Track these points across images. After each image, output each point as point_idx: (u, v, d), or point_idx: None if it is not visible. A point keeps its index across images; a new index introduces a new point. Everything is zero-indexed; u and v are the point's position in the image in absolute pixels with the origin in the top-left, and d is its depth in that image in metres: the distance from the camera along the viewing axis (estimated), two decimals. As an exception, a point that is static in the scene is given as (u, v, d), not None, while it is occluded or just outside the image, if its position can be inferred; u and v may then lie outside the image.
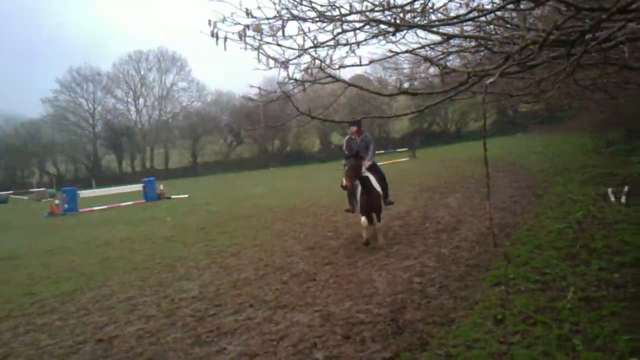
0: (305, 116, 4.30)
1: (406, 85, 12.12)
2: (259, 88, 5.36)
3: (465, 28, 5.85)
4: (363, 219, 10.45)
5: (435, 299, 7.01)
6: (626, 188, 12.71)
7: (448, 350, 5.27)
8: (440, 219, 12.94)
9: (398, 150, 52.07)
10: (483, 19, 5.28)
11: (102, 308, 8.40)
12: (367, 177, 10.33)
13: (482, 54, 7.73)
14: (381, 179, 10.94)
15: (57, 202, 29.27)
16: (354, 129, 11.50)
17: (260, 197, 25.34)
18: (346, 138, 11.70)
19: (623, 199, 11.66)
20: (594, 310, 5.77)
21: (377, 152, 12.55)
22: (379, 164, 11.17)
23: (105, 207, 28.80)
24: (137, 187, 33.85)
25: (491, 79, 3.61)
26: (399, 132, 72.09)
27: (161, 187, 33.10)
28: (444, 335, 5.67)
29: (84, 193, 32.65)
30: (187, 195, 32.02)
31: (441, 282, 7.68)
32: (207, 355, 5.98)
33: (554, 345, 5.03)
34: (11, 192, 54.97)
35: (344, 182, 10.02)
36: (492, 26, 5.85)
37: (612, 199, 11.92)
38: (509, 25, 5.31)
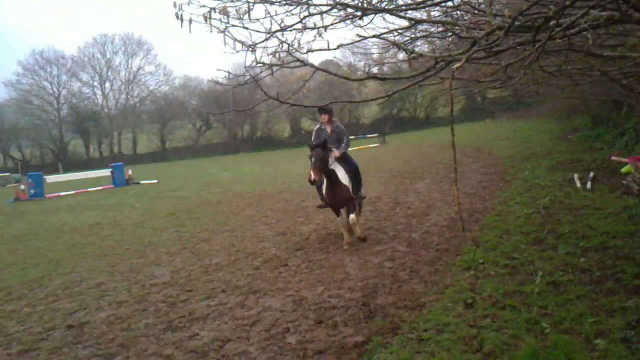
0: (275, 101, 4.28)
1: (375, 70, 12.18)
2: (227, 72, 5.31)
3: (432, 13, 5.88)
4: (338, 219, 9.94)
5: (406, 283, 7.09)
6: (591, 174, 12.98)
7: (419, 334, 5.35)
8: (410, 204, 13.05)
9: (368, 135, 52.19)
10: (450, 3, 5.32)
11: (72, 294, 8.31)
12: (332, 171, 9.40)
13: (449, 39, 7.76)
14: (352, 171, 9.86)
15: (22, 187, 28.70)
16: (324, 117, 10.09)
17: (230, 182, 25.23)
18: (315, 127, 10.43)
19: (589, 185, 11.90)
20: (561, 294, 5.90)
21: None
22: (348, 150, 10.65)
23: (73, 192, 28.38)
24: (105, 172, 33.41)
25: (458, 64, 3.63)
26: (368, 117, 72.17)
27: (130, 172, 32.70)
28: (415, 320, 5.75)
29: (50, 178, 32.11)
30: (156, 181, 31.68)
31: (412, 267, 7.77)
32: (179, 341, 5.98)
33: (522, 328, 5.14)
34: (-26, 177, 53.66)
35: (312, 175, 9.02)
36: (458, 12, 5.88)
37: (578, 184, 12.17)
38: (475, 11, 5.34)
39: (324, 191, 9.70)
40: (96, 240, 12.87)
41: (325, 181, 9.49)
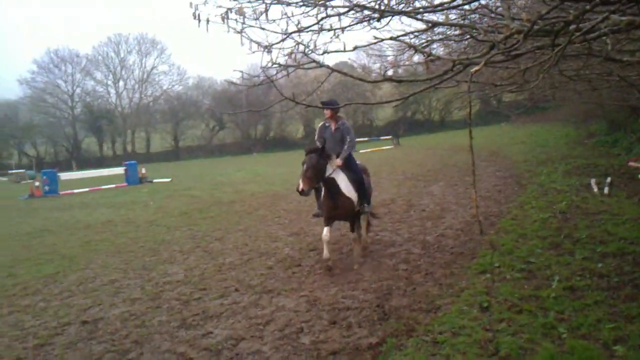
0: (289, 102, 4.27)
1: (390, 72, 12.13)
2: (242, 72, 5.30)
3: (450, 16, 5.85)
4: (325, 230, 8.36)
5: (421, 286, 7.05)
6: (609, 179, 12.87)
7: (434, 337, 5.31)
8: (425, 207, 12.99)
9: (382, 137, 52.12)
10: (467, 7, 5.27)
11: (86, 290, 8.34)
12: (332, 179, 8.18)
13: (466, 42, 7.73)
14: (357, 181, 8.57)
15: (37, 184, 28.89)
16: (327, 112, 8.85)
17: (243, 182, 25.26)
18: (320, 124, 9.23)
19: (606, 190, 11.80)
20: (578, 299, 5.85)
21: (359, 139, 11.75)
22: (361, 151, 10.17)
23: (87, 189, 28.52)
24: (119, 170, 33.53)
25: (476, 68, 3.60)
26: (382, 120, 72.15)
27: (143, 170, 32.83)
28: (430, 322, 5.71)
29: (64, 175, 32.31)
30: (169, 180, 31.80)
31: (427, 270, 7.73)
32: (193, 339, 5.97)
33: (539, 333, 5.09)
34: (-11, 173, 54.23)
35: (300, 185, 7.77)
36: (476, 15, 5.85)
37: (595, 189, 12.06)
38: (493, 15, 5.31)
39: (321, 199, 8.64)
40: (110, 238, 12.92)
41: (323, 189, 8.48)
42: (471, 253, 8.34)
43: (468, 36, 6.35)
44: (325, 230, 8.36)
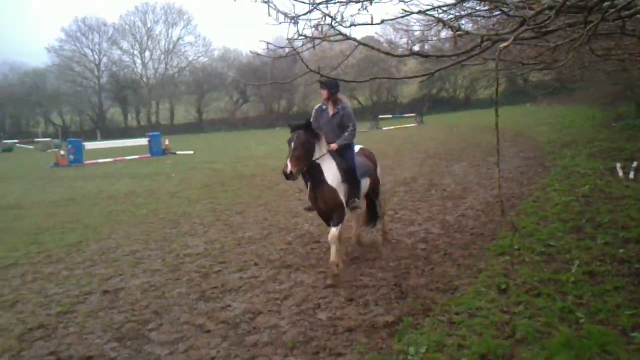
0: (313, 76, 4.25)
1: (417, 48, 11.98)
2: (268, 43, 5.26)
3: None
4: (332, 231, 7.02)
5: (439, 266, 7.04)
6: (635, 164, 12.64)
7: (451, 317, 5.31)
8: (446, 187, 12.94)
9: (405, 115, 51.76)
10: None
11: (108, 260, 8.48)
12: (317, 165, 7.03)
13: (495, 19, 7.60)
14: (347, 170, 7.30)
15: (62, 153, 29.25)
16: (324, 93, 7.51)
17: (265, 157, 25.31)
18: (316, 107, 7.93)
19: (632, 175, 11.61)
20: (597, 284, 5.80)
21: (383, 116, 11.18)
22: (385, 129, 9.37)
23: (111, 160, 28.84)
24: (143, 141, 33.78)
25: (505, 44, 3.53)
26: (407, 97, 71.56)
27: (167, 142, 33.06)
28: (447, 302, 5.71)
29: (89, 145, 32.64)
30: (192, 152, 31.99)
31: (446, 250, 7.72)
32: (212, 311, 6.05)
33: (557, 317, 5.06)
34: (17, 141, 55.15)
35: (288, 166, 6.59)
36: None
37: (621, 174, 11.87)
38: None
39: (308, 191, 7.47)
40: (132, 209, 13.07)
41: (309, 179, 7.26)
42: (491, 234, 8.30)
43: (497, 12, 6.25)
44: (333, 230, 6.99)
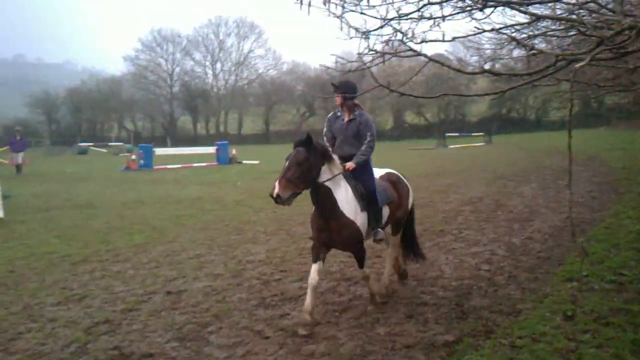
0: (380, 92, 4.25)
1: (487, 66, 11.81)
2: (337, 56, 5.29)
3: (555, 10, 5.62)
4: (312, 268, 6.06)
5: (503, 288, 6.87)
6: None
7: (513, 340, 5.16)
8: (513, 208, 12.62)
9: (473, 134, 50.93)
10: (575, 0, 5.05)
11: (172, 262, 8.70)
12: (326, 189, 5.79)
13: (569, 39, 7.42)
14: (366, 195, 6.16)
15: (133, 157, 30.33)
16: (338, 99, 6.48)
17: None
18: (329, 115, 6.92)
19: None
20: (672, 317, 5.52)
21: (450, 134, 10.84)
22: (451, 147, 8.57)
23: (179, 166, 29.62)
24: (211, 149, 34.55)
25: (581, 64, 3.44)
26: (475, 115, 70.53)
27: (234, 151, 33.74)
28: (510, 326, 5.56)
29: (159, 151, 33.66)
30: (257, 162, 32.49)
31: (510, 272, 7.52)
32: (270, 318, 6.11)
33: (627, 349, 4.83)
34: (91, 144, 57.50)
35: (275, 188, 5.41)
36: (582, 10, 5.59)
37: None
38: (602, 10, 5.05)
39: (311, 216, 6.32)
40: (198, 214, 13.37)
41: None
42: (558, 259, 8.03)
43: (573, 31, 6.09)
44: (313, 268, 6.01)
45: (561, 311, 5.82)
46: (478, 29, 4.81)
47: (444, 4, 4.50)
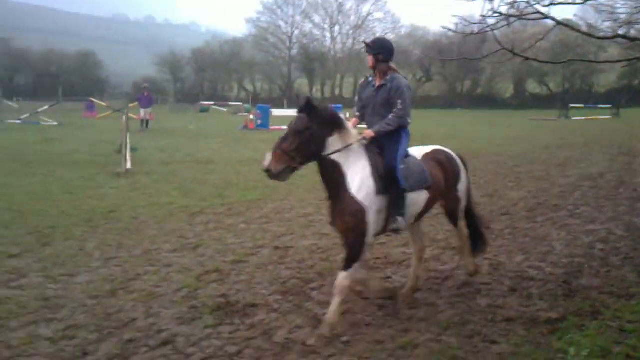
0: (501, 57, 4.10)
1: (622, 31, 11.01)
2: (459, 17, 5.15)
3: None
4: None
5: (617, 269, 6.54)
6: None
7: (622, 324, 4.93)
8: (638, 187, 11.86)
9: (599, 106, 47.85)
10: None
11: (282, 219, 9.04)
12: (333, 163, 5.03)
13: None
14: (385, 171, 5.11)
15: (251, 117, 31.32)
16: (370, 60, 5.51)
17: (444, 137, 24.93)
18: (361, 81, 6.11)
19: None
20: None
21: (574, 105, 10.07)
22: (574, 118, 7.99)
23: (294, 127, 30.18)
24: (325, 112, 34.85)
25: None
26: (603, 86, 65.97)
27: (347, 115, 33.82)
28: (620, 309, 5.30)
29: (276, 112, 34.44)
30: (365, 126, 32.43)
31: (627, 254, 7.13)
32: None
33: None
34: (213, 103, 59.90)
35: (266, 161, 4.79)
36: None
37: None
38: None
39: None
40: (308, 174, 13.55)
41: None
42: (684, 243, 7.51)
43: None
44: (342, 276, 4.97)
45: (681, 298, 5.48)
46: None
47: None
